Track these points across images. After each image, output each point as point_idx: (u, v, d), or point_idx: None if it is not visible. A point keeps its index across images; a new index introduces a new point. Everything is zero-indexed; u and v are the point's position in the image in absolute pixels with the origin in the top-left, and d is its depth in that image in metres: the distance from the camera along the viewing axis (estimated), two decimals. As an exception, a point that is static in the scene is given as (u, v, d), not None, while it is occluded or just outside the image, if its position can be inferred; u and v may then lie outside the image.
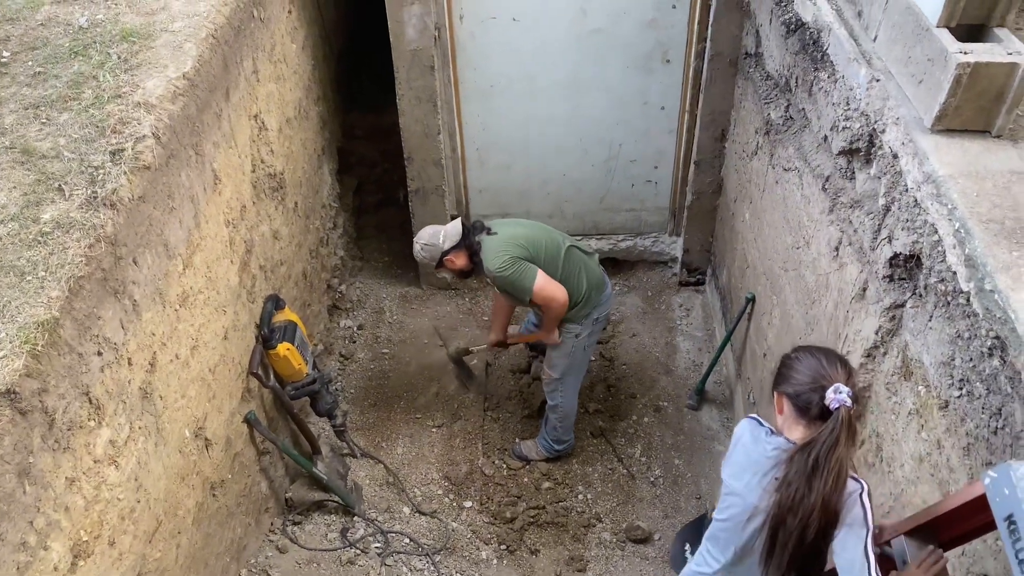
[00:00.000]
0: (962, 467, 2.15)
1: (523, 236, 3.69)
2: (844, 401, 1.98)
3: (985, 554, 2.05)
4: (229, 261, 3.25)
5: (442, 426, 4.61)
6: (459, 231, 3.74)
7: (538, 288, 3.58)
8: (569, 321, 3.84)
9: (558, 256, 3.71)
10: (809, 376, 2.06)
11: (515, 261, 3.58)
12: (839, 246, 2.91)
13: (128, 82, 2.74)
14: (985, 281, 1.93)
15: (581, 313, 3.82)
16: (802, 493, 1.97)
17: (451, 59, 4.42)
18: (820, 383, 2.03)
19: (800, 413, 2.08)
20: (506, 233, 3.70)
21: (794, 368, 2.12)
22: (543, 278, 3.59)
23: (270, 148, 3.74)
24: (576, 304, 3.78)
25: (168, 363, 2.70)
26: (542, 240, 3.72)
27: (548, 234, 3.79)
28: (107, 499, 2.33)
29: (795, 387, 2.09)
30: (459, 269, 3.81)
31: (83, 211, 2.30)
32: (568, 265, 3.73)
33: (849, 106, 2.72)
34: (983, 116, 2.26)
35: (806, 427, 2.08)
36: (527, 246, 3.64)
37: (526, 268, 3.58)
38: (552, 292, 3.61)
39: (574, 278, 3.75)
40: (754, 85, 3.99)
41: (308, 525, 3.99)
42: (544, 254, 3.68)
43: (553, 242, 3.75)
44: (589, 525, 4.15)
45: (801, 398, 2.07)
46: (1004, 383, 1.93)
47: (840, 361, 2.10)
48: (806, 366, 2.09)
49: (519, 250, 3.61)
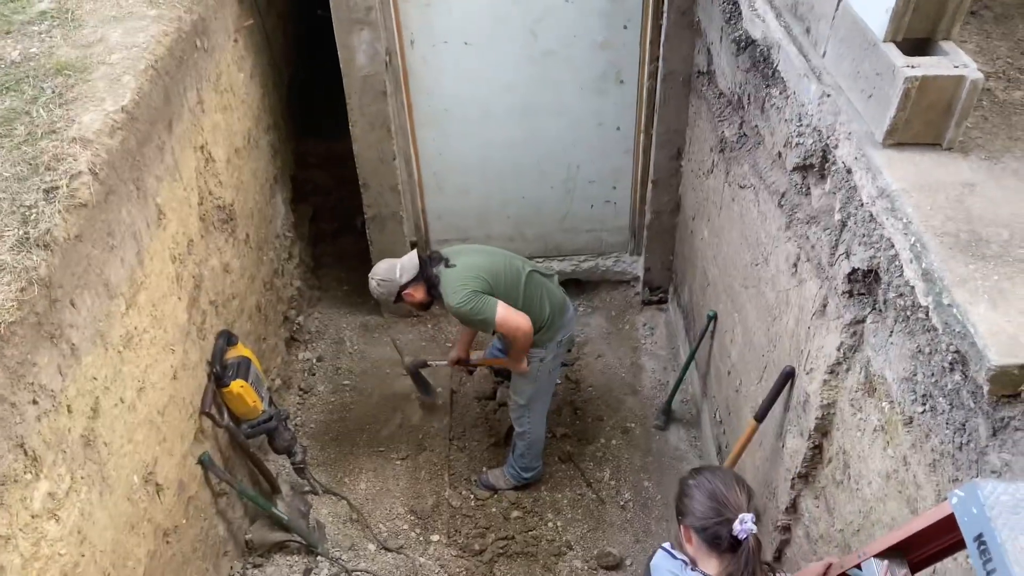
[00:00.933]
0: (929, 483, 2.12)
1: (482, 267, 3.63)
2: (751, 530, 1.98)
3: (956, 573, 2.02)
4: (177, 298, 3.14)
5: (407, 458, 4.51)
6: (415, 264, 3.67)
7: (500, 320, 3.52)
8: (534, 346, 3.78)
9: (518, 283, 3.66)
10: (713, 508, 2.04)
11: (474, 295, 3.52)
12: (797, 262, 2.89)
13: (63, 117, 2.64)
14: (943, 295, 1.92)
15: (545, 337, 3.77)
16: None
17: (403, 84, 4.37)
18: (725, 515, 2.01)
19: (711, 547, 2.06)
20: (464, 265, 3.63)
21: (696, 499, 2.09)
22: (504, 309, 3.53)
23: (218, 179, 3.64)
24: (540, 328, 3.73)
25: (112, 408, 2.58)
26: (501, 268, 3.66)
27: (507, 261, 3.74)
28: (47, 555, 2.20)
29: (701, 521, 2.06)
30: (418, 302, 3.75)
31: (14, 253, 2.19)
32: (529, 291, 3.68)
33: (801, 122, 2.71)
34: (933, 129, 2.26)
35: (719, 559, 2.06)
36: (486, 277, 3.58)
37: (486, 301, 3.52)
38: (516, 322, 3.55)
39: (536, 303, 3.70)
40: (707, 103, 3.99)
41: (269, 567, 3.85)
42: (504, 283, 3.63)
43: (512, 269, 3.70)
44: (560, 553, 4.07)
45: (708, 532, 2.05)
46: (966, 398, 1.91)
47: (738, 483, 2.09)
48: (706, 496, 2.07)
49: (478, 283, 3.55)
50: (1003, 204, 2.13)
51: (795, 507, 3.12)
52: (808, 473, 2.98)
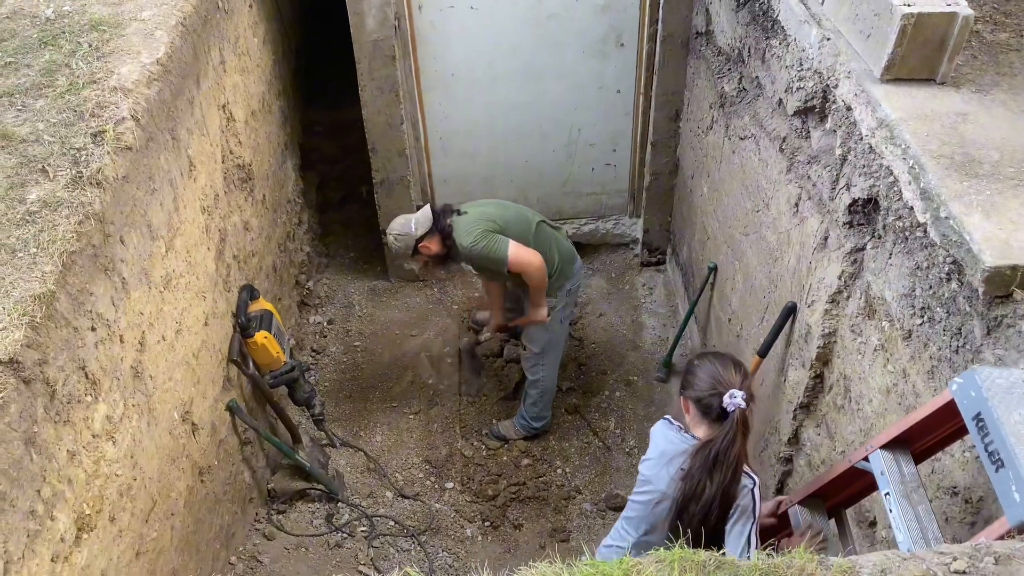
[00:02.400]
0: (927, 390, 2.30)
1: (492, 213, 3.79)
2: (739, 404, 2.26)
3: (953, 467, 2.20)
4: (206, 248, 3.28)
5: (419, 413, 4.66)
6: (430, 217, 3.82)
7: (512, 255, 3.65)
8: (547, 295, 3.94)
9: (528, 231, 3.82)
10: (709, 382, 2.33)
11: (486, 234, 3.67)
12: (799, 202, 3.06)
13: (102, 69, 2.76)
14: (940, 209, 2.09)
15: (555, 284, 3.93)
16: (703, 484, 2.26)
17: (412, 49, 4.50)
18: (718, 389, 2.30)
19: (702, 414, 2.36)
20: (476, 212, 3.80)
21: (696, 375, 2.39)
22: (515, 246, 3.66)
23: (238, 139, 3.77)
24: (551, 277, 3.88)
25: (156, 344, 2.72)
26: (512, 216, 3.82)
27: (517, 210, 3.90)
28: (106, 474, 2.35)
29: (697, 392, 2.36)
30: (434, 254, 3.87)
31: (69, 190, 2.32)
32: (539, 239, 3.84)
33: (802, 66, 2.87)
34: (927, 64, 2.43)
35: (708, 426, 2.35)
36: (496, 220, 3.73)
37: (497, 239, 3.66)
38: (527, 257, 3.67)
39: (546, 251, 3.85)
40: (706, 62, 4.15)
41: (293, 514, 4.00)
42: (514, 229, 3.77)
43: (522, 217, 3.86)
44: (569, 497, 4.24)
45: (702, 402, 2.34)
46: (963, 303, 2.08)
47: (735, 365, 2.38)
48: (706, 373, 2.37)
49: (490, 224, 3.70)
50: (993, 130, 2.31)
51: (796, 438, 3.31)
52: (809, 403, 3.16)
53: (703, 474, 2.25)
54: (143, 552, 2.61)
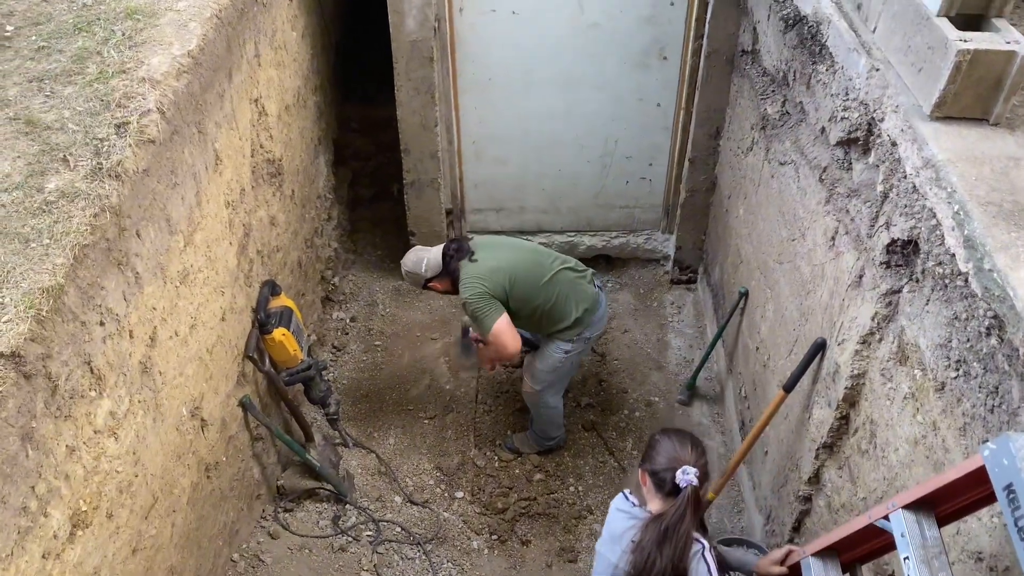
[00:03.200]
0: (958, 447, 2.18)
1: (502, 270, 3.70)
2: (691, 481, 2.35)
3: (980, 531, 2.08)
4: (228, 243, 3.25)
5: (434, 418, 4.61)
6: (439, 261, 3.85)
7: (495, 333, 3.64)
8: (561, 340, 3.88)
9: (539, 285, 3.74)
10: (665, 458, 2.43)
11: (483, 297, 3.64)
12: (835, 235, 2.95)
13: (133, 58, 2.74)
14: (984, 260, 1.97)
15: (571, 333, 3.86)
16: (653, 557, 2.32)
17: (450, 51, 4.44)
18: (673, 465, 2.39)
19: (657, 488, 2.45)
20: (486, 262, 3.73)
21: (655, 450, 2.49)
22: (504, 324, 3.64)
23: (269, 134, 3.74)
24: (568, 327, 3.82)
25: (168, 339, 2.69)
26: (523, 268, 3.74)
27: (533, 259, 3.81)
28: (106, 470, 2.32)
29: (654, 466, 2.46)
30: (443, 292, 3.98)
31: (88, 181, 2.29)
32: (554, 290, 3.76)
33: (848, 96, 2.76)
34: (981, 104, 2.31)
35: (661, 501, 2.44)
36: (503, 281, 3.68)
37: (492, 308, 3.64)
38: (505, 342, 3.65)
39: (561, 302, 3.79)
40: (750, 81, 4.03)
41: (300, 512, 3.97)
42: (523, 283, 3.71)
43: (537, 268, 3.78)
44: (580, 517, 4.16)
45: (657, 476, 2.43)
46: (1002, 361, 1.97)
47: (693, 444, 2.46)
48: (664, 448, 2.46)
49: (493, 286, 3.66)
50: (1047, 178, 2.18)
51: (818, 478, 3.19)
52: (833, 443, 3.04)
53: (653, 547, 2.32)
54: (140, 549, 2.59)
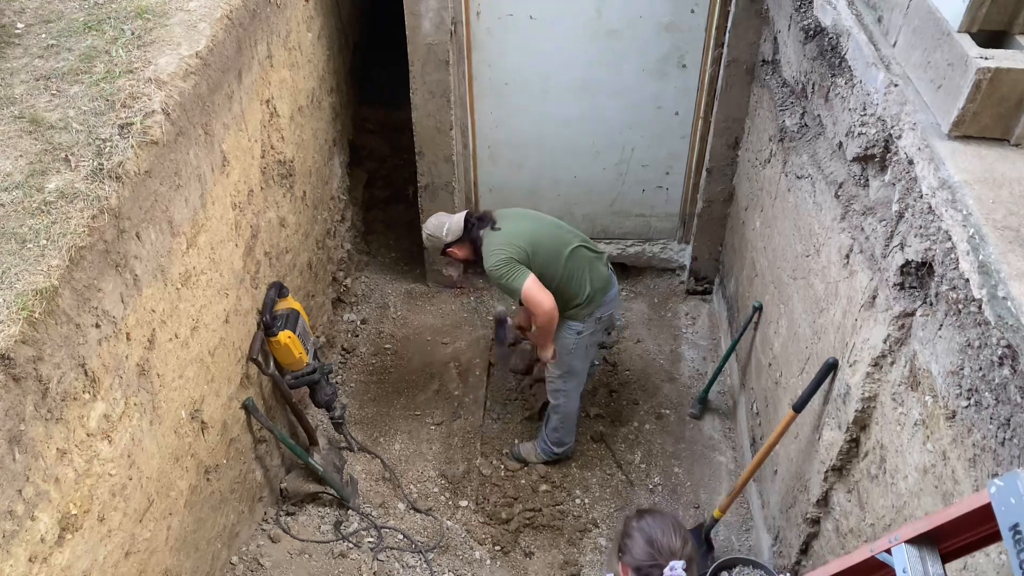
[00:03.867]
0: (967, 479, 2.11)
1: (525, 236, 3.68)
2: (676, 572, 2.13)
3: (988, 569, 2.01)
4: (234, 244, 3.23)
5: (441, 424, 4.58)
6: (461, 227, 3.80)
7: (526, 291, 3.60)
8: (572, 319, 3.83)
9: (559, 257, 3.71)
10: (648, 553, 2.19)
11: (509, 262, 3.61)
12: (850, 253, 2.87)
13: (140, 58, 2.72)
14: (998, 288, 1.90)
15: (584, 312, 3.81)
16: None
17: (466, 55, 4.41)
18: (657, 561, 2.17)
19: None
20: (509, 231, 3.71)
21: (635, 540, 2.25)
22: (533, 284, 3.60)
23: (281, 135, 3.73)
24: (579, 304, 3.77)
25: (167, 341, 2.68)
26: (545, 238, 3.72)
27: (555, 231, 3.79)
28: (98, 474, 2.30)
29: (635, 560, 2.21)
30: (462, 260, 3.90)
31: (88, 182, 2.27)
32: (570, 264, 3.73)
33: (866, 111, 2.69)
34: (1002, 123, 2.23)
35: None
36: (525, 247, 3.64)
37: (518, 271, 3.60)
38: (539, 299, 3.61)
39: (576, 278, 3.75)
40: (770, 92, 3.96)
41: (301, 516, 3.95)
42: (544, 253, 3.68)
43: (558, 240, 3.74)
44: (585, 530, 4.10)
45: (641, 572, 2.20)
46: (1014, 393, 1.89)
47: (675, 529, 2.23)
48: (645, 539, 2.22)
49: (516, 251, 3.62)
50: (1068, 203, 2.10)
51: (826, 500, 3.12)
52: (843, 466, 2.97)
53: None
54: (134, 552, 2.57)
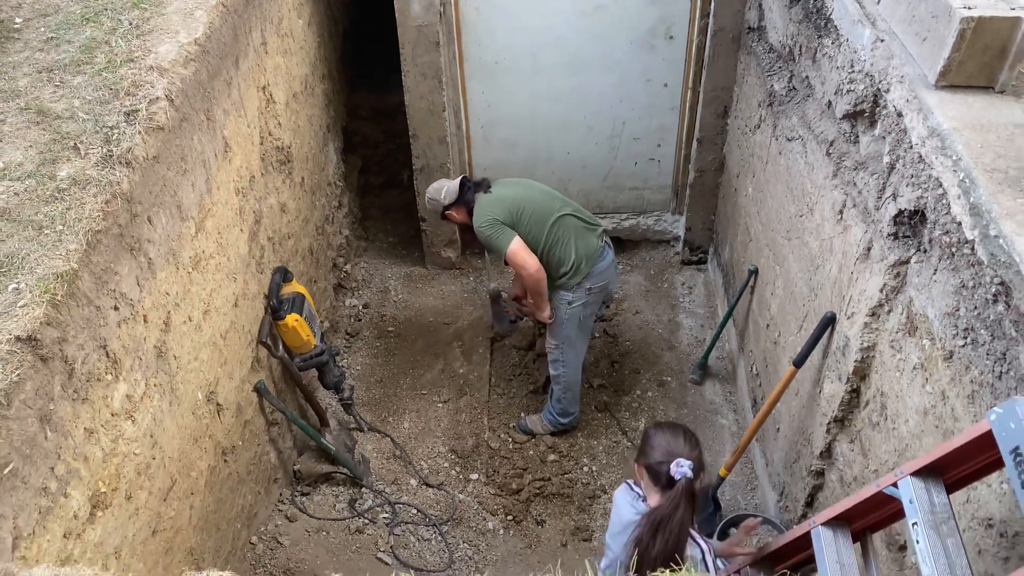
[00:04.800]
0: (967, 415, 2.19)
1: (512, 199, 3.81)
2: (685, 473, 2.35)
3: (990, 498, 2.09)
4: (239, 229, 3.28)
5: (448, 401, 4.65)
6: (457, 191, 3.95)
7: (510, 252, 3.75)
8: (562, 288, 3.93)
9: (544, 223, 3.80)
10: (660, 452, 2.43)
11: (494, 223, 3.75)
12: (843, 209, 2.94)
13: (140, 47, 2.77)
14: (990, 227, 1.97)
15: (572, 282, 3.90)
16: (650, 549, 2.34)
17: (456, 35, 4.45)
18: (668, 458, 2.40)
19: (654, 482, 2.46)
20: (498, 195, 3.86)
21: (650, 444, 2.49)
22: (518, 245, 3.73)
23: (278, 121, 3.77)
24: (566, 272, 3.87)
25: (181, 324, 2.73)
26: (532, 204, 3.82)
27: (543, 199, 3.88)
28: (124, 453, 2.36)
29: (649, 460, 2.46)
30: (460, 223, 4.05)
31: (99, 168, 2.32)
32: (556, 231, 3.82)
33: (853, 68, 2.75)
34: (986, 72, 2.30)
35: (659, 494, 2.44)
36: (512, 210, 3.77)
37: (504, 232, 3.74)
38: (522, 260, 3.75)
39: (561, 246, 3.83)
40: (757, 59, 4.02)
41: (316, 496, 4.02)
42: (529, 218, 3.79)
43: (545, 207, 3.84)
44: (594, 496, 4.19)
45: (652, 470, 2.44)
46: (1008, 327, 1.97)
47: (686, 436, 2.47)
48: (659, 442, 2.46)
49: (503, 214, 3.76)
50: (1054, 144, 2.17)
51: (829, 452, 3.20)
52: (844, 417, 3.05)
53: (649, 539, 2.35)
54: (160, 530, 2.63)
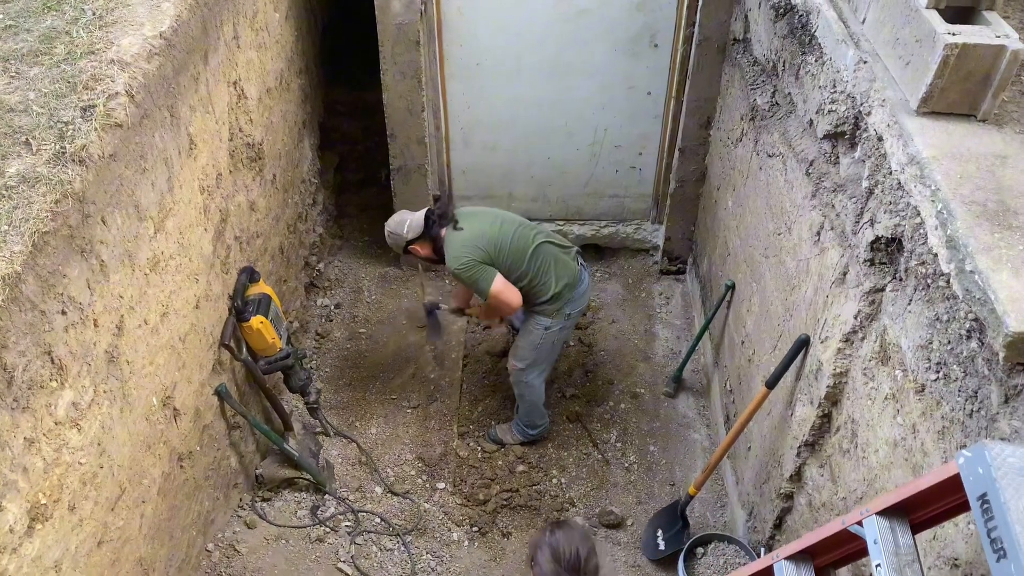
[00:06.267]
0: (936, 451, 2.14)
1: (487, 237, 3.67)
2: None
3: (956, 537, 2.05)
4: (203, 229, 3.18)
5: (418, 407, 4.57)
6: (421, 225, 3.80)
7: (494, 292, 3.63)
8: (540, 315, 3.85)
9: (523, 256, 3.71)
10: (552, 566, 2.38)
11: (474, 264, 3.62)
12: (821, 231, 2.89)
13: (103, 39, 2.66)
14: (966, 262, 1.92)
15: (551, 308, 3.82)
16: None
17: (437, 34, 4.37)
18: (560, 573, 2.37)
19: None
20: (472, 231, 3.69)
21: (542, 551, 2.43)
22: (501, 284, 3.63)
23: (249, 117, 3.67)
24: (546, 301, 3.79)
25: (136, 328, 2.64)
26: (507, 239, 3.69)
27: (517, 231, 3.75)
28: (68, 463, 2.26)
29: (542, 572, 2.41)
30: (424, 257, 3.90)
31: (50, 166, 2.22)
32: (535, 262, 3.73)
33: (836, 88, 2.70)
34: (969, 99, 2.25)
35: None
36: (488, 248, 3.64)
37: (484, 271, 3.62)
38: (507, 297, 3.65)
39: (542, 275, 3.75)
40: (741, 71, 3.97)
41: (278, 502, 3.94)
42: (508, 253, 3.68)
43: (521, 239, 3.73)
44: (562, 509, 4.13)
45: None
46: (981, 365, 1.92)
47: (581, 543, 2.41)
48: (551, 552, 2.41)
49: (480, 253, 3.63)
50: (1034, 177, 2.12)
51: (799, 475, 3.15)
52: (815, 441, 3.00)
53: None
54: (106, 540, 2.54)
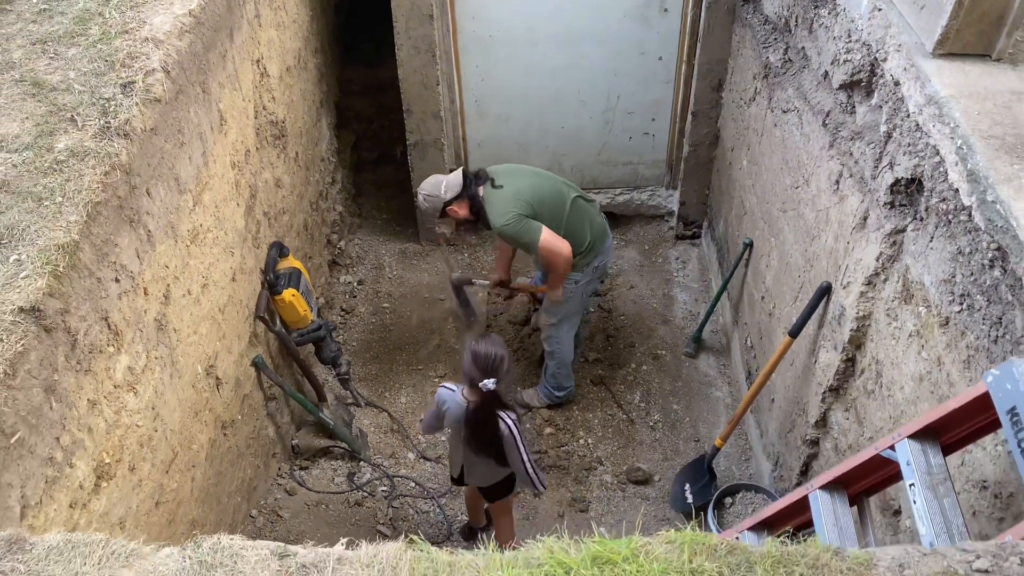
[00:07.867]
0: (962, 380, 2.22)
1: (527, 191, 3.70)
2: (488, 387, 2.95)
3: (984, 461, 2.13)
4: (236, 203, 3.27)
5: (444, 376, 4.66)
6: (459, 182, 3.75)
7: (543, 244, 3.63)
8: (573, 269, 3.90)
9: (563, 209, 3.75)
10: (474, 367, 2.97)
11: (520, 219, 3.63)
12: (839, 179, 2.96)
13: (134, 19, 2.75)
14: (987, 193, 1.99)
15: (582, 261, 3.88)
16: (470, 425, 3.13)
17: (450, 8, 4.42)
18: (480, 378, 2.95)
19: (470, 386, 3.04)
20: (512, 188, 3.71)
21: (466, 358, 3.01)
22: (548, 234, 3.64)
23: (272, 95, 3.75)
24: (581, 253, 3.84)
25: (181, 297, 2.73)
26: (547, 193, 3.75)
27: (553, 185, 3.82)
28: (127, 424, 2.37)
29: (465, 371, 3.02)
30: (462, 219, 3.82)
31: (97, 140, 2.31)
32: (572, 216, 3.78)
33: (851, 38, 2.75)
34: (984, 39, 2.31)
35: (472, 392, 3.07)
36: (531, 202, 3.67)
37: (531, 225, 3.63)
38: (558, 247, 3.65)
39: (578, 229, 3.80)
40: (752, 31, 4.02)
41: (315, 470, 4.05)
42: (548, 207, 3.71)
43: (558, 193, 3.78)
44: (591, 468, 4.22)
45: (467, 377, 3.02)
46: (1005, 292, 1.99)
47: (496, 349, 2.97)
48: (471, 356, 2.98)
49: (524, 207, 3.64)
50: (1050, 111, 2.18)
51: (824, 421, 3.24)
52: (839, 386, 3.08)
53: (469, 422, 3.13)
54: (163, 502, 2.65)
